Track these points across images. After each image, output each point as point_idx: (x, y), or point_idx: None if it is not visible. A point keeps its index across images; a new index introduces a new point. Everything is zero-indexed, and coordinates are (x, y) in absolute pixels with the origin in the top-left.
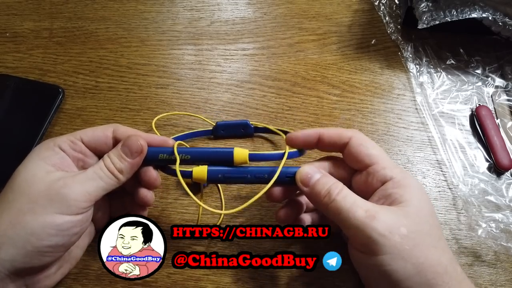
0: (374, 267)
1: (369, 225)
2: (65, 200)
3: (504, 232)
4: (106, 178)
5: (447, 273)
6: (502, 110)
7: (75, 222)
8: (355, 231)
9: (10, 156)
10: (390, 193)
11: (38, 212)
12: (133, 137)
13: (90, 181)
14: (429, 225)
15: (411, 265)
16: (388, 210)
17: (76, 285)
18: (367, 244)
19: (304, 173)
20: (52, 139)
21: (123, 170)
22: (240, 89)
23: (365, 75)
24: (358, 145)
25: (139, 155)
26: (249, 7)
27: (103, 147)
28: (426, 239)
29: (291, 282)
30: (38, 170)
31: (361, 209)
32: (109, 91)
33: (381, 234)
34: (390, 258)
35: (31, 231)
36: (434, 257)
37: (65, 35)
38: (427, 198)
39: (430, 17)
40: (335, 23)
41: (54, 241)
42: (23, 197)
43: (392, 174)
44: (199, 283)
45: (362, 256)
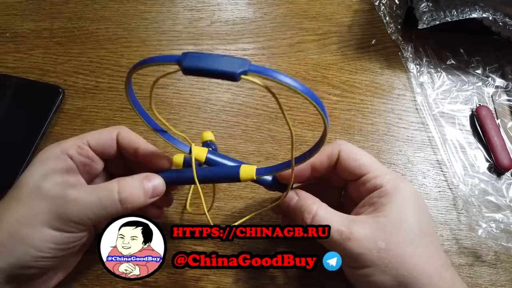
0: (359, 277)
1: (345, 246)
2: (65, 221)
3: (504, 232)
4: (111, 209)
5: (432, 284)
6: (502, 110)
7: (74, 238)
8: (335, 251)
9: (10, 156)
10: (374, 202)
11: (38, 226)
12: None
13: (93, 207)
14: (412, 234)
15: (391, 277)
16: (365, 224)
17: (76, 285)
18: (348, 261)
19: (286, 198)
20: (58, 144)
21: (136, 204)
22: (240, 89)
23: (365, 75)
24: (346, 159)
25: (157, 197)
26: (249, 7)
27: (109, 151)
28: (408, 249)
29: (291, 282)
30: (43, 182)
31: (335, 232)
32: (109, 91)
33: (358, 253)
34: (372, 270)
35: (30, 243)
36: (417, 267)
37: (65, 35)
38: (416, 205)
39: (430, 17)
40: (335, 23)
41: (53, 253)
42: (24, 209)
43: (382, 183)
44: (199, 283)
45: (348, 268)
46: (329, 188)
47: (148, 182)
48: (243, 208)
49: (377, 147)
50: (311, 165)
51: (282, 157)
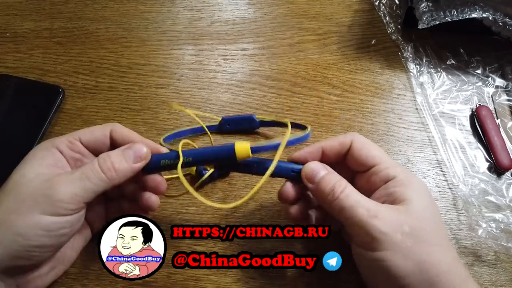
0: (374, 261)
1: (371, 223)
2: (50, 201)
3: (504, 232)
4: (95, 179)
5: (450, 271)
6: (502, 110)
7: (63, 223)
8: (357, 229)
9: (10, 156)
10: (392, 192)
11: (23, 212)
12: (139, 144)
13: (77, 181)
14: (433, 223)
15: (412, 262)
16: (390, 209)
17: (76, 285)
18: (368, 242)
19: (310, 169)
20: (50, 140)
21: (120, 171)
22: (240, 89)
23: (365, 75)
24: (359, 150)
25: (141, 161)
26: (249, 7)
27: (102, 147)
28: (430, 237)
29: (291, 282)
30: (29, 171)
31: (363, 208)
32: (109, 91)
33: (383, 232)
34: (391, 254)
35: (17, 231)
36: (437, 255)
37: (65, 35)
38: (430, 197)
39: (430, 17)
40: (336, 23)
41: (42, 241)
42: (10, 197)
43: (395, 173)
44: (199, 283)
45: (363, 251)
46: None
47: (128, 150)
48: (243, 208)
49: None
50: (322, 148)
51: (282, 157)
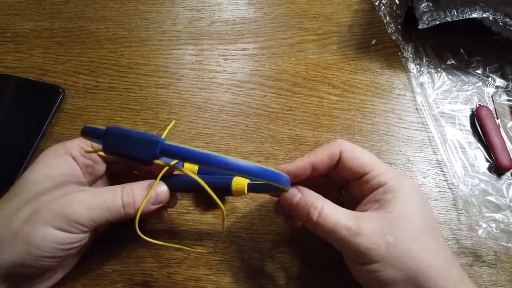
0: (366, 273)
1: (354, 242)
2: (67, 220)
3: (504, 232)
4: (114, 212)
5: (440, 276)
6: (502, 110)
7: (75, 239)
8: (343, 247)
9: (11, 156)
10: (379, 199)
11: (39, 225)
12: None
13: (97, 209)
14: (419, 228)
15: (400, 271)
16: (374, 219)
17: (76, 285)
18: (356, 258)
19: (286, 195)
20: (62, 144)
21: (138, 209)
22: (241, 89)
23: (365, 75)
24: (349, 158)
25: (160, 204)
26: (249, 7)
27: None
28: (415, 243)
29: (291, 282)
30: (46, 181)
31: (343, 228)
32: (109, 91)
33: (367, 248)
34: (379, 266)
35: (31, 242)
36: (426, 261)
37: (65, 35)
38: (419, 200)
39: (430, 17)
40: (336, 23)
41: (53, 253)
42: (26, 207)
43: (386, 180)
44: (199, 283)
45: (354, 265)
46: (329, 187)
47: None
48: (243, 208)
49: (377, 147)
50: (312, 164)
51: (282, 157)
